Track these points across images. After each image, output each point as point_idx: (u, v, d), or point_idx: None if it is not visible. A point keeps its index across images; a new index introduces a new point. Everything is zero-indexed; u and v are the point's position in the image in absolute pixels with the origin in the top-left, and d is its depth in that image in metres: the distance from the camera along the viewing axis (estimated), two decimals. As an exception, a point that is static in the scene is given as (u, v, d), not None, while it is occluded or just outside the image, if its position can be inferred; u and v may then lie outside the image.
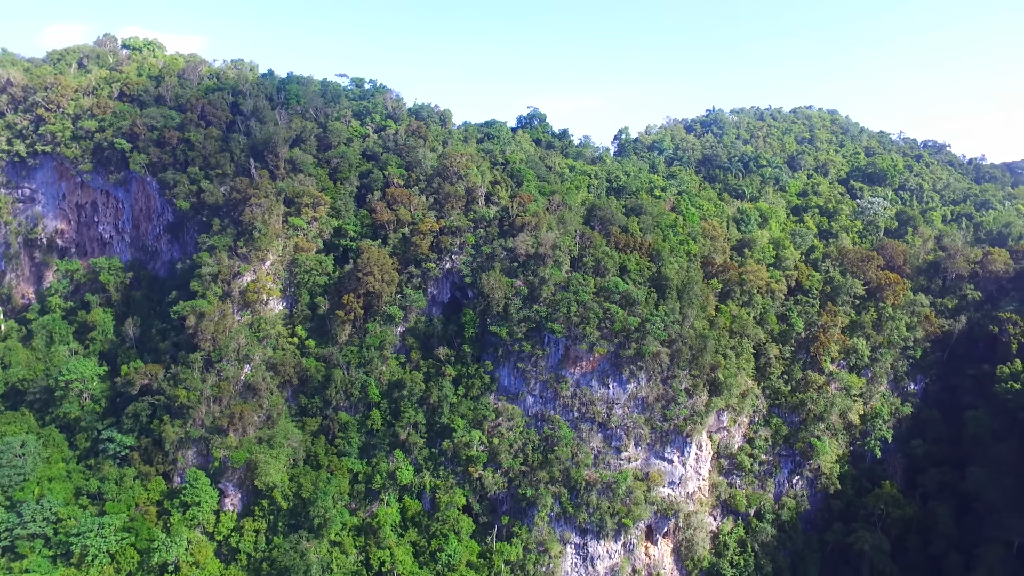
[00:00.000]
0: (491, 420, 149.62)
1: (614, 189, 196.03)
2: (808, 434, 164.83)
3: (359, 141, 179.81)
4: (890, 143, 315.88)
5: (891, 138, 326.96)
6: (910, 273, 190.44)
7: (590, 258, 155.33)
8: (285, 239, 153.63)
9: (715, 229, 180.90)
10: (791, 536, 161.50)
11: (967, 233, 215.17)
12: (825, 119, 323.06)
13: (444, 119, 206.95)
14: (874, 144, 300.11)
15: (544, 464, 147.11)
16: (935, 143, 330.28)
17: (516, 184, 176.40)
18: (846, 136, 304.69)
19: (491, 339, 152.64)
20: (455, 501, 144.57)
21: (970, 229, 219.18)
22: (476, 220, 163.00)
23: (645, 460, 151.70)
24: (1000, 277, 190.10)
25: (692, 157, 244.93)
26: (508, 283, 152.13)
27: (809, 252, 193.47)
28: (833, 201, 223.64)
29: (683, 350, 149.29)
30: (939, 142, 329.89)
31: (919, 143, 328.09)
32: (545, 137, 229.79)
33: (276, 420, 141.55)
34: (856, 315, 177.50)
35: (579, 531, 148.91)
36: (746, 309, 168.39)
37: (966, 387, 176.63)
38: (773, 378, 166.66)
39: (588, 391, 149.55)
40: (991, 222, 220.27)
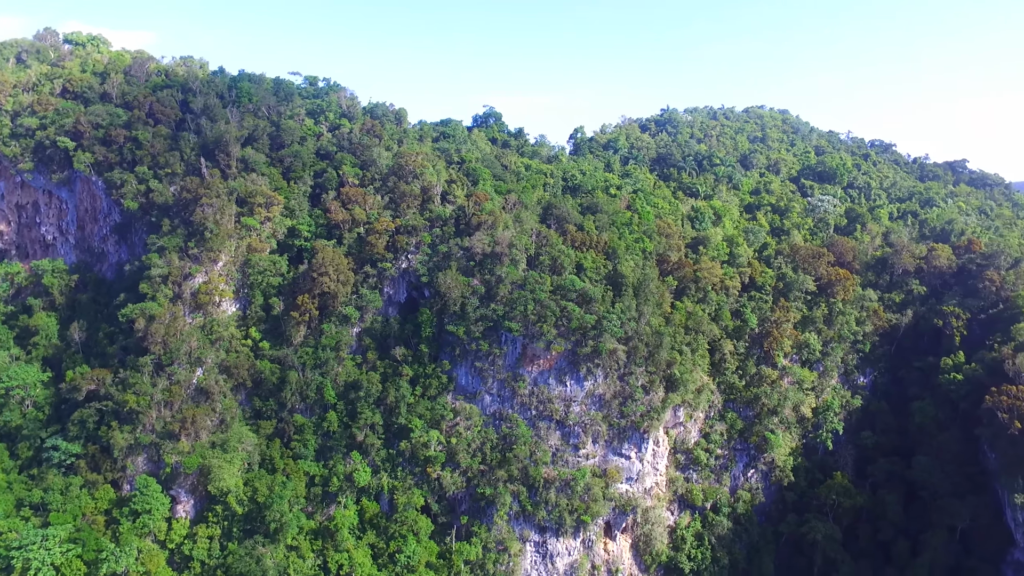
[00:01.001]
0: (449, 420, 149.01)
1: (570, 188, 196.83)
2: (762, 428, 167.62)
3: (313, 140, 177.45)
4: (839, 142, 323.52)
5: (840, 137, 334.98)
6: (859, 269, 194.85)
7: (546, 256, 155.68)
8: (238, 239, 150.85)
9: (670, 227, 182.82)
10: (747, 528, 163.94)
11: (912, 230, 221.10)
12: (776, 119, 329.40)
13: (399, 118, 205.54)
14: (824, 143, 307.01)
15: (502, 463, 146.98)
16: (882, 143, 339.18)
17: (472, 183, 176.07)
18: (797, 135, 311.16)
19: (448, 338, 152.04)
20: (413, 502, 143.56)
21: (915, 226, 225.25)
22: (432, 219, 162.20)
23: (603, 457, 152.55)
24: (943, 272, 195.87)
25: (647, 156, 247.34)
26: (465, 282, 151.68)
27: (762, 249, 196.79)
28: (785, 199, 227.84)
29: (639, 347, 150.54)
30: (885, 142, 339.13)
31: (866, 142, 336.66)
32: (501, 136, 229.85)
33: (230, 424, 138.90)
34: (808, 310, 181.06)
35: (538, 529, 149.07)
36: (701, 306, 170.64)
37: (912, 379, 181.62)
38: (728, 373, 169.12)
39: (546, 389, 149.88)
40: (935, 219, 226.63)
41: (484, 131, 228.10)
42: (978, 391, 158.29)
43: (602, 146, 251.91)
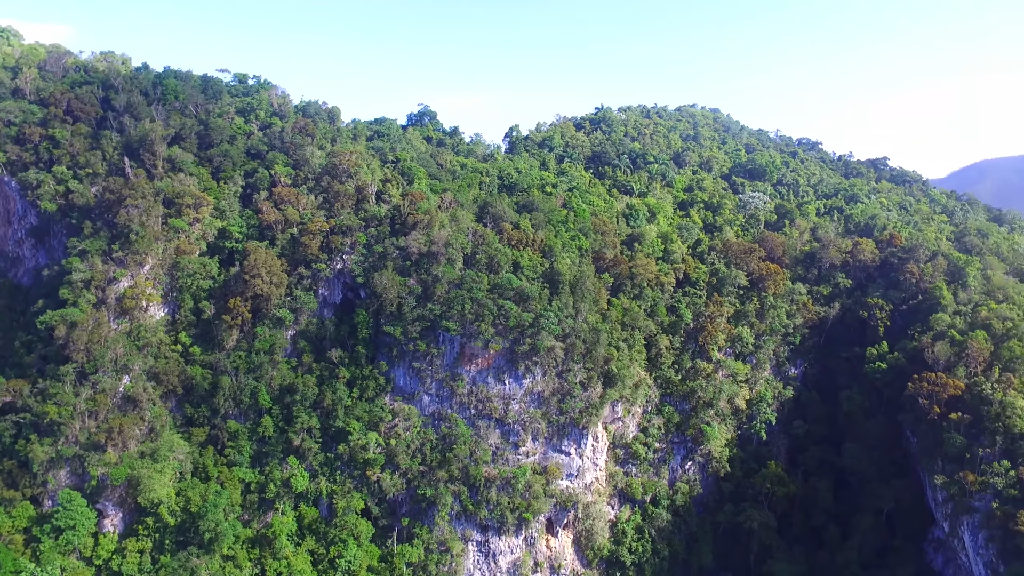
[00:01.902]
0: (387, 421, 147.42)
1: (506, 186, 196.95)
2: (699, 420, 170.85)
3: (243, 139, 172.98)
4: (768, 140, 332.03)
5: (769, 136, 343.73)
6: (789, 263, 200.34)
7: (483, 255, 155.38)
8: (165, 242, 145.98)
9: (605, 224, 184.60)
10: (685, 520, 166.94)
11: (838, 225, 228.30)
12: (708, 117, 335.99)
13: (332, 116, 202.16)
14: (753, 142, 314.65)
15: (443, 463, 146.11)
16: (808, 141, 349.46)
17: (407, 182, 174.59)
18: (728, 134, 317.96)
19: (385, 339, 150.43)
20: (353, 506, 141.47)
21: (841, 221, 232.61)
22: (367, 219, 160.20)
23: (543, 454, 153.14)
24: (868, 265, 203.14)
25: (582, 154, 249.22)
26: (401, 282, 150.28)
27: (695, 245, 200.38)
28: (717, 196, 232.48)
29: (577, 344, 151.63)
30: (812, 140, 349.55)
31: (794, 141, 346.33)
32: (436, 135, 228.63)
33: (159, 432, 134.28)
34: (740, 305, 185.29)
35: (480, 528, 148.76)
36: (637, 302, 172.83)
37: (840, 369, 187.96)
38: (664, 368, 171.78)
39: (484, 388, 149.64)
40: (859, 214, 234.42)
41: (419, 130, 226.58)
42: (901, 379, 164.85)
43: (537, 145, 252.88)
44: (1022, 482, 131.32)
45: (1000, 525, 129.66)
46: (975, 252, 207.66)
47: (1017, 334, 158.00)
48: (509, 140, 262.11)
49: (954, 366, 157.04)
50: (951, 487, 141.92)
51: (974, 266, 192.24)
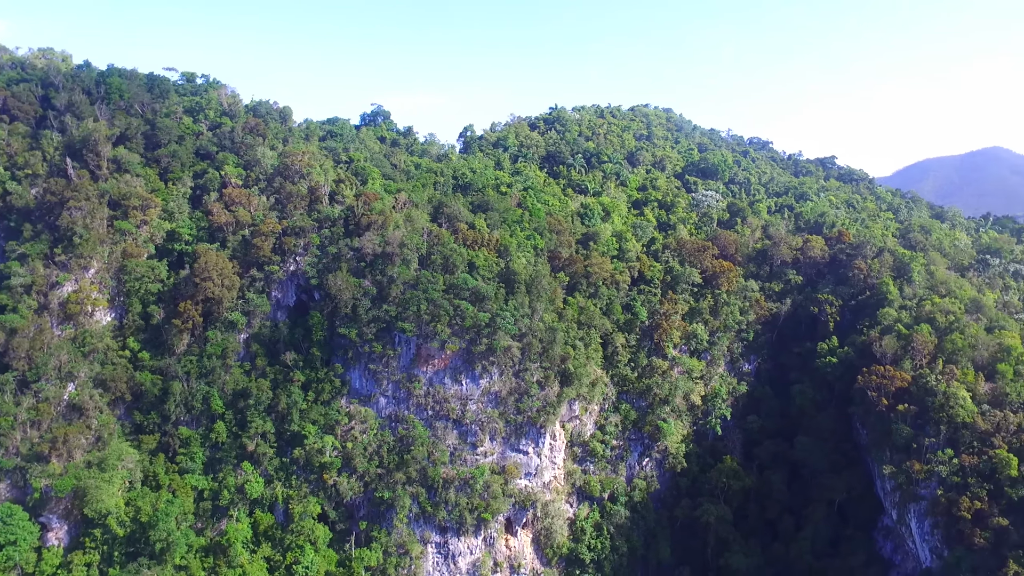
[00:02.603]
0: (344, 424, 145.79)
1: (460, 186, 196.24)
2: (655, 417, 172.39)
3: (192, 139, 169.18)
4: (720, 140, 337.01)
5: (721, 135, 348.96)
6: (741, 261, 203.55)
7: (438, 255, 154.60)
8: (111, 245, 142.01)
9: (561, 224, 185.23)
10: (643, 516, 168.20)
11: (789, 222, 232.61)
12: (661, 117, 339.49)
13: (284, 116, 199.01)
14: (706, 141, 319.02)
15: (400, 465, 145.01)
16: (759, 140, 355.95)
17: (361, 182, 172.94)
18: (680, 133, 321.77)
19: (340, 341, 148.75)
20: (310, 510, 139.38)
21: (791, 219, 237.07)
22: (320, 220, 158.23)
23: (501, 454, 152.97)
24: (818, 262, 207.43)
25: (536, 154, 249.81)
26: (356, 283, 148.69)
27: (650, 244, 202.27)
28: (670, 195, 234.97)
29: (533, 343, 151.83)
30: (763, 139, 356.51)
31: (745, 140, 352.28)
32: (390, 135, 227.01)
33: (107, 441, 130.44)
34: (695, 302, 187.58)
35: (439, 530, 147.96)
36: (592, 300, 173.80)
37: (792, 364, 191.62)
38: (620, 366, 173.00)
39: (441, 389, 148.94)
40: (809, 212, 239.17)
41: (372, 130, 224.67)
42: (851, 372, 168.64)
43: (492, 144, 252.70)
44: (965, 469, 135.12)
45: (944, 511, 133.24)
46: (919, 248, 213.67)
47: (959, 327, 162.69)
48: (464, 140, 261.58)
49: (901, 359, 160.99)
50: (899, 476, 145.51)
51: (918, 262, 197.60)
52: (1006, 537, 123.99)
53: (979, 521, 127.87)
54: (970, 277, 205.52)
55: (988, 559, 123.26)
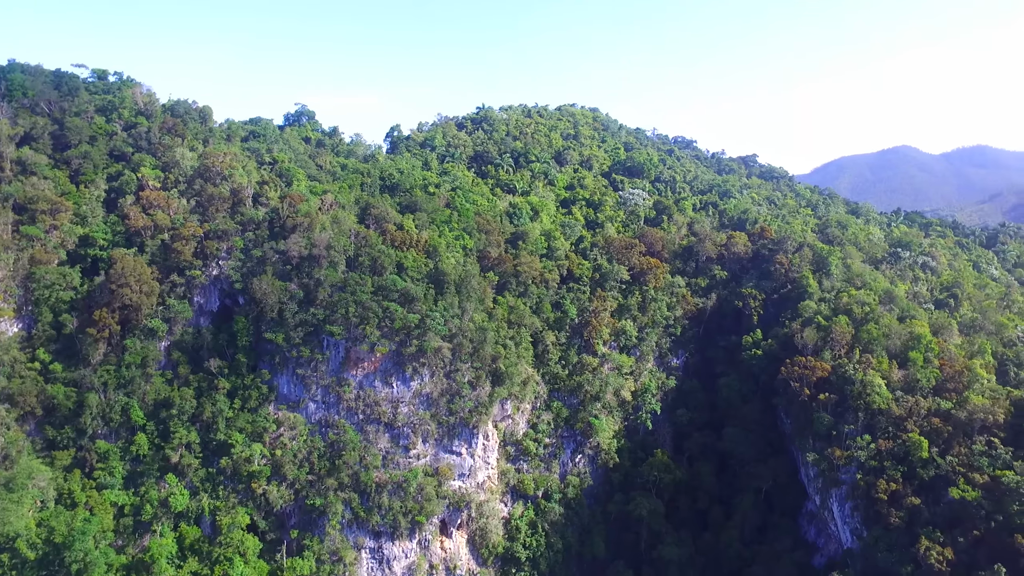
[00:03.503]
0: (272, 431, 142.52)
1: (388, 187, 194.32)
2: (587, 414, 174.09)
3: (105, 140, 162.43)
4: (646, 139, 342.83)
5: (646, 134, 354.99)
6: (668, 257, 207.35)
7: (366, 257, 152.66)
8: (17, 251, 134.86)
9: (489, 223, 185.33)
10: (577, 512, 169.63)
11: (713, 219, 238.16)
12: (587, 116, 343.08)
13: (204, 116, 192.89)
14: (632, 140, 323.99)
15: (332, 471, 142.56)
16: (683, 139, 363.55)
17: (286, 184, 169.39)
18: (607, 132, 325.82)
19: (267, 346, 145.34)
20: (238, 521, 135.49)
21: (716, 216, 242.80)
22: (244, 223, 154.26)
23: (434, 455, 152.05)
24: (741, 258, 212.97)
25: (464, 153, 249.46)
26: (282, 287, 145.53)
27: (578, 242, 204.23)
28: (598, 193, 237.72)
29: (464, 343, 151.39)
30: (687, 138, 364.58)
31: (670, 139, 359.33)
32: (315, 135, 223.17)
33: (15, 459, 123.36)
34: (623, 299, 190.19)
35: (373, 535, 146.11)
36: (522, 299, 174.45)
37: (719, 358, 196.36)
38: (551, 364, 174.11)
39: (372, 392, 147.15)
40: (732, 209, 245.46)
41: (297, 130, 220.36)
42: (774, 364, 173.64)
43: (419, 144, 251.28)
44: (881, 453, 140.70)
45: (864, 495, 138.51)
46: (836, 243, 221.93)
47: (874, 317, 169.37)
48: (391, 140, 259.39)
49: (821, 350, 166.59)
50: (821, 463, 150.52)
51: (836, 256, 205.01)
52: (918, 515, 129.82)
53: (895, 502, 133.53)
54: (883, 270, 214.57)
55: (903, 537, 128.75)
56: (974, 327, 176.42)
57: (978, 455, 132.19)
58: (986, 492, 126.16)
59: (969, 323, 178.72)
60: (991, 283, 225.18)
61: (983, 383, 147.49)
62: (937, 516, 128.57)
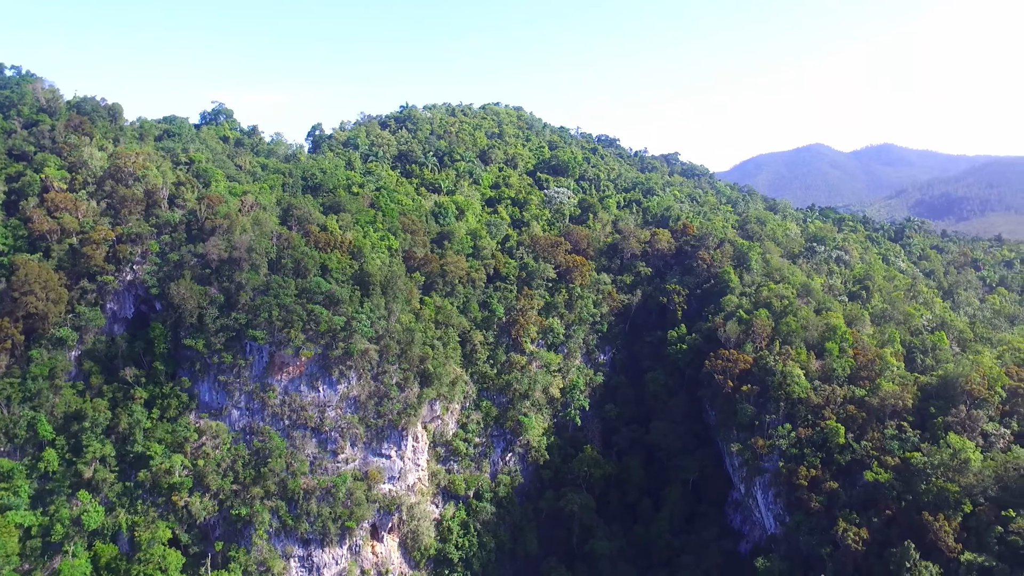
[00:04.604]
0: (194, 441, 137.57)
1: (310, 187, 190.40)
2: (516, 412, 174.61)
3: (3, 138, 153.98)
4: (570, 137, 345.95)
5: (571, 133, 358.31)
6: (593, 255, 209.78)
7: (289, 259, 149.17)
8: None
9: (415, 223, 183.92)
10: (509, 510, 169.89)
11: (637, 217, 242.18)
12: (512, 115, 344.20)
13: (114, 114, 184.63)
14: (556, 139, 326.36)
15: (257, 479, 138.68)
16: (607, 137, 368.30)
17: (204, 185, 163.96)
18: (531, 131, 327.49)
19: (186, 353, 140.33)
20: (159, 536, 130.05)
21: (639, 213, 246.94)
22: (160, 225, 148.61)
23: (363, 459, 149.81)
24: (665, 254, 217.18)
25: (388, 153, 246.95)
26: (201, 291, 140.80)
27: (504, 241, 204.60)
28: (523, 192, 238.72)
29: (391, 345, 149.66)
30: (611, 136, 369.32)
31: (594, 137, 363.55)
32: (233, 134, 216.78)
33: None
34: (550, 297, 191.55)
35: (302, 542, 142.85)
36: (449, 299, 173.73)
37: (645, 353, 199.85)
38: (480, 363, 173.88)
39: (298, 397, 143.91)
40: (655, 206, 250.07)
41: (214, 129, 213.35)
42: (699, 358, 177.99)
43: (342, 144, 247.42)
44: (801, 441, 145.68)
45: (785, 481, 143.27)
46: (756, 238, 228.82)
47: (792, 310, 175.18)
48: (312, 139, 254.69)
49: (743, 343, 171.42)
50: (745, 452, 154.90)
51: (755, 251, 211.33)
52: (837, 499, 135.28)
53: (814, 487, 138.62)
54: (800, 264, 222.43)
55: (822, 520, 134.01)
56: (884, 317, 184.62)
57: (889, 439, 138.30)
58: (897, 474, 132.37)
59: (880, 314, 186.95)
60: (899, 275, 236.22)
61: (893, 370, 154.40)
62: (853, 499, 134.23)
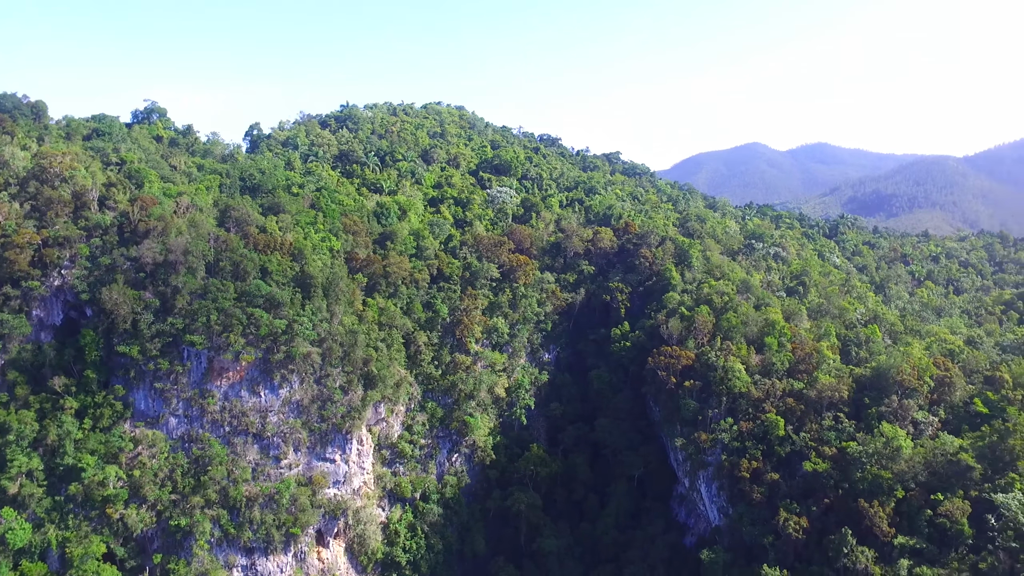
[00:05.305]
0: (129, 451, 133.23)
1: (249, 188, 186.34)
2: (461, 413, 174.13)
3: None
4: (512, 137, 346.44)
5: (512, 132, 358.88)
6: (536, 254, 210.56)
7: (228, 262, 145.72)
8: None
9: (356, 224, 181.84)
10: (456, 511, 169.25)
11: (580, 216, 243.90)
12: (454, 115, 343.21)
13: (38, 112, 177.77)
14: (498, 138, 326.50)
15: (197, 488, 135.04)
16: (549, 137, 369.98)
17: (136, 186, 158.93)
18: (473, 130, 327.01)
19: (120, 360, 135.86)
20: (92, 551, 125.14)
21: (582, 212, 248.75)
22: (89, 228, 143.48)
23: (307, 464, 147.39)
24: (608, 252, 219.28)
25: (329, 153, 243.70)
26: (135, 296, 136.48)
27: (447, 241, 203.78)
28: (466, 192, 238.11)
29: (334, 348, 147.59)
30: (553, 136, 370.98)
31: (536, 137, 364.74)
32: (167, 134, 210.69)
33: None
34: (494, 296, 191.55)
35: (245, 551, 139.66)
36: (393, 300, 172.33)
37: (589, 351, 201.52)
38: (424, 364, 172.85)
39: (239, 402, 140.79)
40: (597, 205, 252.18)
41: (147, 128, 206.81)
42: (642, 355, 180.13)
43: (281, 143, 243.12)
44: (743, 434, 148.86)
45: (728, 474, 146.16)
46: (696, 236, 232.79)
47: (732, 306, 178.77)
48: (250, 139, 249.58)
49: (685, 339, 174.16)
50: (688, 447, 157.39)
51: (696, 248, 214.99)
52: (777, 489, 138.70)
53: (756, 479, 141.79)
54: (740, 260, 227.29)
55: (764, 511, 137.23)
56: (820, 312, 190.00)
57: (827, 430, 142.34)
58: (834, 463, 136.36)
59: (816, 308, 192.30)
60: (834, 270, 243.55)
61: (829, 363, 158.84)
62: (794, 489, 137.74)
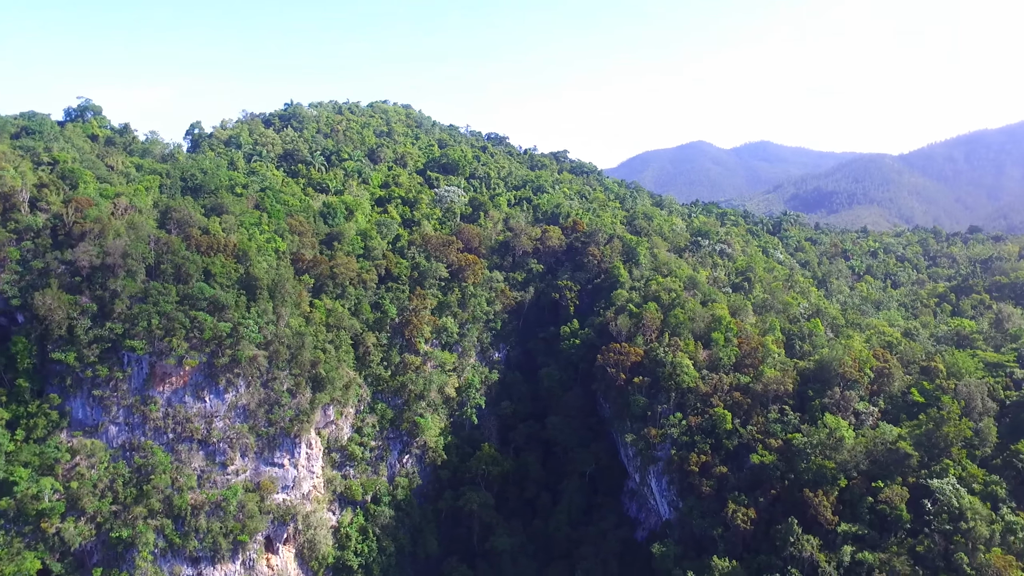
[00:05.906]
0: (66, 462, 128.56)
1: (190, 188, 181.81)
2: (412, 413, 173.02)
3: None
4: (460, 136, 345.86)
5: (460, 131, 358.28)
6: (485, 253, 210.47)
7: (169, 264, 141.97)
8: None
9: (302, 225, 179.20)
10: (408, 513, 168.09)
11: (528, 214, 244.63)
12: (400, 113, 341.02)
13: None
14: (446, 137, 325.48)
15: (140, 498, 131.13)
16: (497, 135, 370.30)
17: (70, 187, 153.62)
18: (420, 129, 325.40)
19: (55, 368, 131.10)
20: (25, 568, 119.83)
21: (530, 211, 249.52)
22: (19, 231, 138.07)
23: (255, 470, 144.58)
24: (556, 251, 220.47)
25: (273, 152, 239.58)
26: (71, 301, 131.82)
27: (395, 241, 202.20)
28: (413, 191, 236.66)
29: (281, 350, 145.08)
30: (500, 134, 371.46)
31: (484, 135, 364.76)
32: (103, 132, 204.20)
33: None
34: (443, 296, 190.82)
35: (191, 561, 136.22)
36: (340, 301, 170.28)
37: (539, 349, 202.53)
38: (373, 365, 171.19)
39: (182, 408, 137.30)
40: (546, 204, 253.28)
41: (81, 127, 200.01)
42: (592, 352, 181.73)
43: (224, 143, 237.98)
44: (692, 429, 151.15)
45: (677, 468, 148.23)
46: (644, 233, 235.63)
47: (679, 303, 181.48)
48: (191, 138, 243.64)
49: (634, 336, 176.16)
50: (639, 443, 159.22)
51: (644, 246, 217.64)
52: (726, 482, 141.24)
53: (705, 472, 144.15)
54: (686, 257, 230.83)
55: (713, 504, 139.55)
56: (765, 307, 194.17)
57: (773, 422, 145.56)
58: (780, 455, 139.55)
59: (761, 303, 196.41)
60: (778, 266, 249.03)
61: (774, 357, 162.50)
62: (741, 481, 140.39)
